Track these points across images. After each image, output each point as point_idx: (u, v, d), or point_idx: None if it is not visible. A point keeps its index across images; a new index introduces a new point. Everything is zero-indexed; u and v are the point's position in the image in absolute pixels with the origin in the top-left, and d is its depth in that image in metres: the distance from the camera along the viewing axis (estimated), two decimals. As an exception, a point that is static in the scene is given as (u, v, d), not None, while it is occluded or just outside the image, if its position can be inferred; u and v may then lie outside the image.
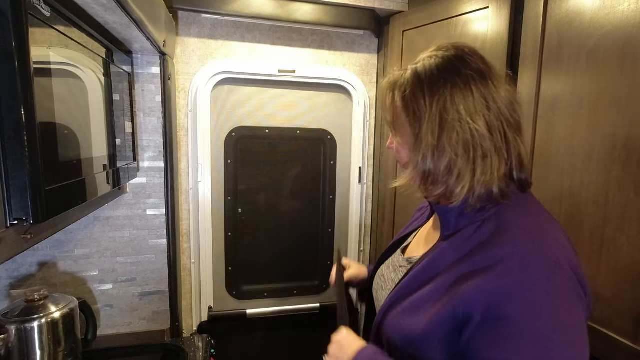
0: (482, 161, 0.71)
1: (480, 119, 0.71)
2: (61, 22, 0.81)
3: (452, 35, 1.50)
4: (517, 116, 0.75)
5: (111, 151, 1.15)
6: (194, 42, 1.73)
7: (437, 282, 0.74)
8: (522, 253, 0.66)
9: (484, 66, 0.75)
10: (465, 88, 0.72)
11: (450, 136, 0.71)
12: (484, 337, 0.65)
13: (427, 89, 0.73)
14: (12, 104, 0.65)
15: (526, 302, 0.63)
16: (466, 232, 0.75)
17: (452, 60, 0.75)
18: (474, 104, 0.71)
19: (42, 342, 1.14)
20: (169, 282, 1.64)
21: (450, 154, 0.71)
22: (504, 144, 0.72)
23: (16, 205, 0.67)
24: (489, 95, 0.72)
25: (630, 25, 0.97)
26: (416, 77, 0.76)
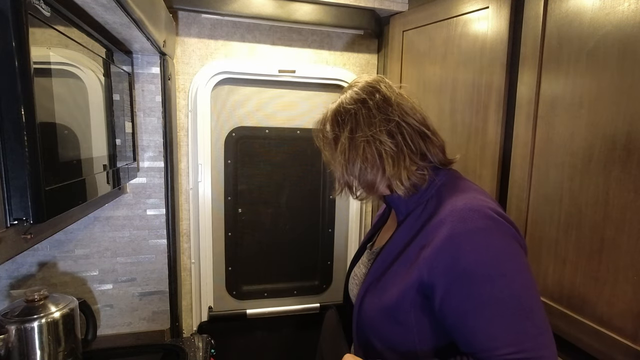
0: (391, 161, 0.87)
1: (381, 132, 0.87)
2: (61, 22, 0.81)
3: (452, 35, 1.50)
4: (419, 116, 0.91)
5: (111, 151, 1.15)
6: (194, 42, 1.73)
7: (400, 259, 0.87)
8: (459, 211, 0.80)
9: (382, 87, 0.92)
10: (369, 111, 0.89)
11: (358, 151, 0.88)
12: (454, 297, 0.77)
13: (340, 120, 0.92)
14: (12, 104, 0.65)
15: (473, 251, 0.75)
16: (416, 213, 0.90)
17: (357, 92, 0.92)
18: (376, 121, 0.88)
19: (42, 342, 1.14)
20: (169, 282, 1.64)
21: (360, 163, 0.89)
22: (408, 142, 0.88)
23: (16, 205, 0.67)
24: (390, 112, 0.88)
25: (630, 25, 0.97)
26: (333, 112, 0.94)
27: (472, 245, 0.76)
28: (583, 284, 1.10)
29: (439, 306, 0.79)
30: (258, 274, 2.00)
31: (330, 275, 2.10)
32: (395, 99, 0.91)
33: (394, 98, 0.91)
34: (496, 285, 0.74)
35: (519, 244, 0.79)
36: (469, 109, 1.45)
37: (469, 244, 0.76)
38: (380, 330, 0.89)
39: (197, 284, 1.85)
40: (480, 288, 0.74)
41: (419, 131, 0.90)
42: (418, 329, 0.84)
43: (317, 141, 1.01)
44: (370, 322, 0.91)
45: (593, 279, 1.07)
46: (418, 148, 0.89)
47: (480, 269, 0.75)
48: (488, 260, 0.75)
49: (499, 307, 0.74)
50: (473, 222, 0.77)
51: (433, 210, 0.86)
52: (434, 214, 0.84)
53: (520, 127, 1.26)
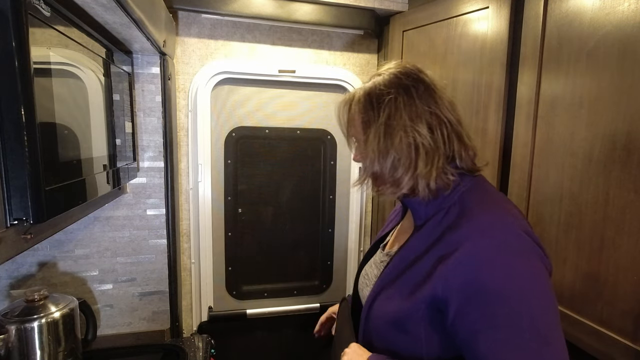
0: (424, 157, 0.81)
1: (421, 123, 0.82)
2: (61, 22, 0.81)
3: (452, 35, 1.50)
4: (457, 115, 0.86)
5: (111, 151, 1.15)
6: (194, 42, 1.73)
7: (415, 267, 0.82)
8: (485, 227, 0.76)
9: (427, 79, 0.87)
10: (410, 97, 0.83)
11: (394, 140, 0.82)
12: (468, 315, 0.72)
13: (375, 102, 0.85)
14: (12, 104, 0.65)
15: (494, 270, 0.72)
16: (436, 219, 0.84)
17: (397, 75, 0.86)
18: (417, 110, 0.82)
19: (42, 342, 1.14)
20: (169, 282, 1.64)
21: (394, 155, 0.82)
22: (445, 140, 0.83)
23: (16, 205, 0.67)
24: (431, 101, 0.83)
25: (630, 25, 0.97)
26: (366, 93, 0.87)
27: (493, 265, 0.72)
28: (583, 284, 1.10)
29: (451, 322, 0.75)
30: (258, 274, 2.00)
31: (330, 275, 2.10)
32: (439, 92, 0.86)
33: (438, 90, 0.86)
34: (514, 308, 0.69)
35: (544, 265, 0.75)
36: (468, 108, 1.45)
37: (491, 264, 0.72)
38: (386, 337, 0.85)
39: (197, 284, 1.85)
40: (496, 309, 0.70)
41: (456, 131, 0.85)
42: (427, 342, 0.80)
43: (341, 122, 0.95)
44: (376, 328, 0.87)
45: (593, 279, 1.07)
46: (451, 149, 0.84)
47: (498, 288, 0.71)
48: (508, 281, 0.71)
49: (514, 331, 0.69)
50: (498, 241, 0.73)
51: (455, 218, 0.80)
52: (456, 225, 0.79)
53: (520, 127, 1.26)
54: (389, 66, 0.90)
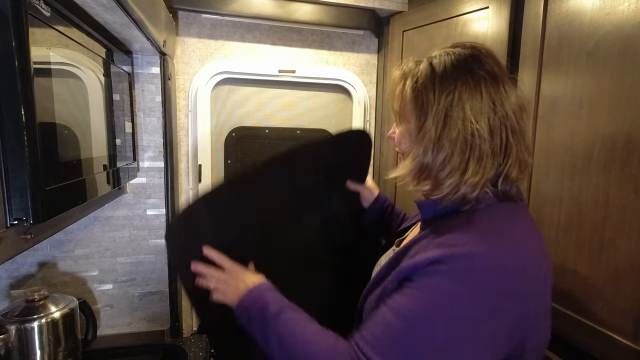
0: (476, 162, 0.71)
1: (483, 120, 0.71)
2: (61, 22, 0.81)
3: (452, 35, 1.50)
4: (523, 123, 0.76)
5: (111, 151, 1.15)
6: (194, 42, 1.73)
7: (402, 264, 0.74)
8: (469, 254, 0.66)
9: (498, 69, 0.75)
10: (475, 88, 0.72)
11: (451, 133, 0.71)
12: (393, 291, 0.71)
13: (438, 83, 0.73)
14: (12, 104, 0.65)
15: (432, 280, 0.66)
16: (442, 222, 0.76)
17: (467, 59, 0.75)
18: (480, 104, 0.71)
19: (42, 342, 1.13)
20: (169, 282, 1.64)
21: (448, 150, 0.72)
22: (502, 148, 0.73)
23: (16, 205, 0.67)
24: (497, 99, 0.72)
25: (630, 25, 0.97)
26: (430, 70, 0.76)
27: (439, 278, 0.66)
28: (583, 284, 1.10)
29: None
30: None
31: None
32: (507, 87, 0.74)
33: (506, 85, 0.75)
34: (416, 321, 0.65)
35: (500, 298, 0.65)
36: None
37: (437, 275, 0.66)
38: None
39: (197, 284, 1.85)
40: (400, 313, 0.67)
41: (517, 141, 0.75)
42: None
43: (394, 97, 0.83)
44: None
45: (593, 279, 1.07)
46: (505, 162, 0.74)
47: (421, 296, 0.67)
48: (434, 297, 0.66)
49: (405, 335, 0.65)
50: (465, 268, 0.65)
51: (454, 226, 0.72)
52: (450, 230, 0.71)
53: (520, 127, 1.26)
54: (459, 43, 0.79)
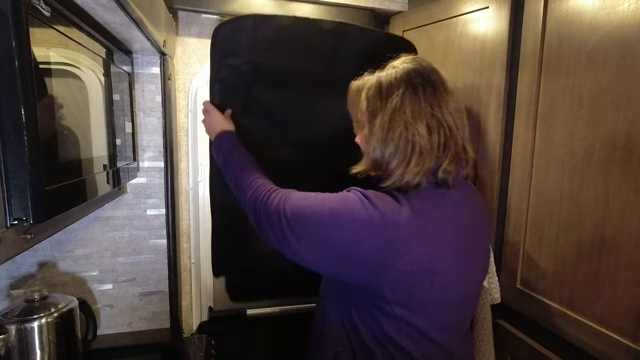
0: (417, 156, 0.86)
1: (422, 122, 0.86)
2: (61, 22, 0.81)
3: (452, 35, 1.50)
4: (461, 124, 0.90)
5: (111, 151, 1.15)
6: (194, 42, 1.73)
7: None
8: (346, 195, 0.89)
9: (437, 79, 0.91)
10: (416, 96, 0.87)
11: (394, 133, 0.87)
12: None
13: (385, 92, 0.90)
14: (12, 104, 0.65)
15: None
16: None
17: (410, 72, 0.90)
18: (420, 109, 0.87)
19: (42, 342, 1.14)
20: (169, 282, 1.64)
21: (392, 147, 0.87)
22: (440, 145, 0.87)
23: (16, 205, 0.67)
24: (435, 104, 0.87)
25: (630, 25, 0.97)
26: (378, 82, 0.92)
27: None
28: (583, 284, 1.10)
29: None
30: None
31: None
32: (446, 96, 0.90)
33: (444, 94, 0.90)
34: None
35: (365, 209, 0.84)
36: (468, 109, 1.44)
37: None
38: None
39: (197, 284, 1.85)
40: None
41: (455, 139, 0.89)
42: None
43: (352, 104, 1.02)
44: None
45: (593, 278, 1.07)
46: (445, 155, 0.88)
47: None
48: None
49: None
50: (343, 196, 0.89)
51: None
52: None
53: (520, 127, 1.27)
54: (405, 59, 0.94)
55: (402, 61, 0.94)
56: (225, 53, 1.34)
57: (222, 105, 1.35)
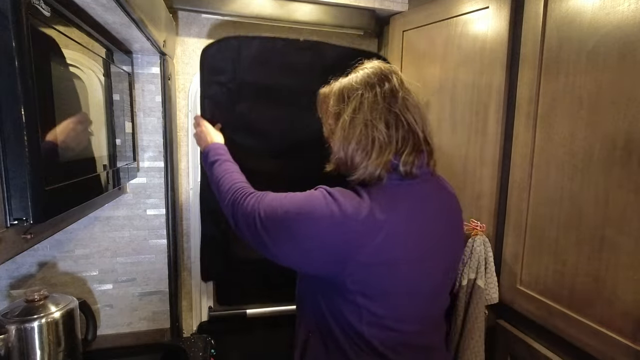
0: (378, 149, 0.92)
1: (381, 119, 0.93)
2: (61, 23, 0.82)
3: (452, 35, 1.50)
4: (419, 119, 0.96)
5: (111, 151, 1.15)
6: (194, 42, 1.73)
7: None
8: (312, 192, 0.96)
9: (395, 80, 0.97)
10: (374, 96, 0.94)
11: (355, 131, 0.94)
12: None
13: (346, 96, 0.98)
14: (13, 104, 0.65)
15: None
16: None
17: (369, 75, 0.98)
18: (377, 107, 0.93)
19: (42, 342, 1.14)
20: (169, 282, 1.64)
21: (354, 143, 0.94)
22: (399, 139, 0.93)
23: (16, 205, 0.68)
24: (393, 101, 0.94)
25: (630, 25, 0.97)
26: (340, 87, 1.00)
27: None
28: (583, 284, 1.10)
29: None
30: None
31: None
32: (402, 94, 0.95)
33: (401, 92, 0.95)
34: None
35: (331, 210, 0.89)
36: (468, 108, 1.45)
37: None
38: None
39: (197, 284, 1.85)
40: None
41: (413, 133, 0.95)
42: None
43: (320, 109, 1.09)
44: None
45: (593, 279, 1.07)
46: (404, 147, 0.94)
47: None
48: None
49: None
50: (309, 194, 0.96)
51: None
52: None
53: (520, 127, 1.27)
54: (366, 65, 1.02)
55: (363, 67, 1.02)
56: (212, 71, 1.49)
57: (212, 119, 1.45)
